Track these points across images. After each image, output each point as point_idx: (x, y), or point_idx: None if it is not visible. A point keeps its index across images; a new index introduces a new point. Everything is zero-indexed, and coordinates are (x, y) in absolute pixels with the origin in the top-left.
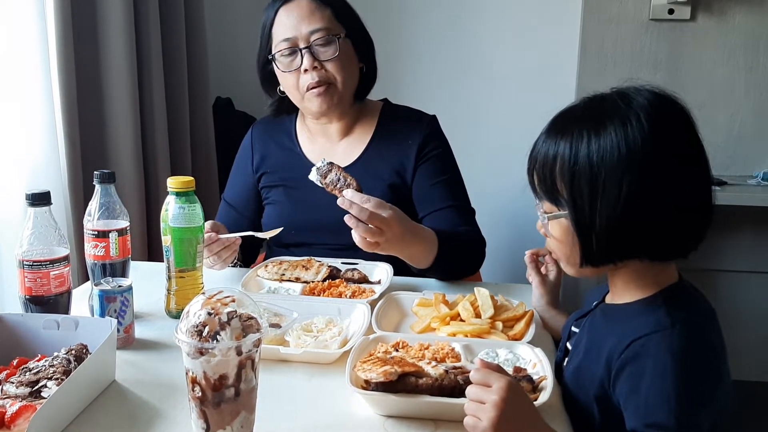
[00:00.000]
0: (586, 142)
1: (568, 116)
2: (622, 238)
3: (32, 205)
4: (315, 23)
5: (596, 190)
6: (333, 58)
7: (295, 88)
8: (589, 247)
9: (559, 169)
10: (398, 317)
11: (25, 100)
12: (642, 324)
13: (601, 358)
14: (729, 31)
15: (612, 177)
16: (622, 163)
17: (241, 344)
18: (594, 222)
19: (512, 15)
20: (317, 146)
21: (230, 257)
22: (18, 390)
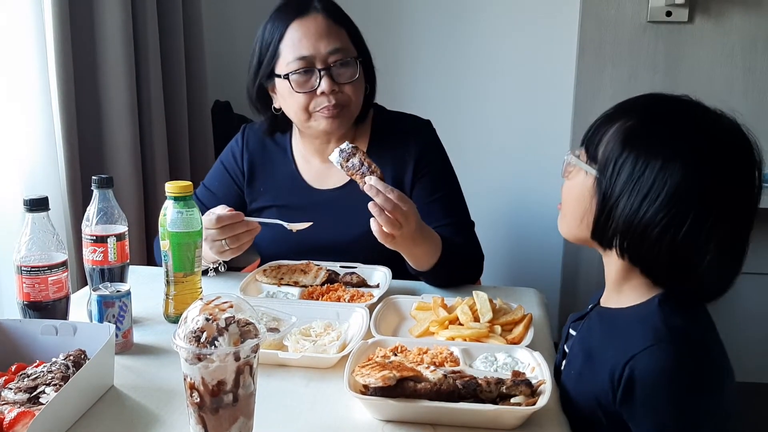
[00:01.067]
0: (650, 145)
1: (647, 104)
2: (636, 242)
3: (30, 210)
4: (334, 43)
5: (634, 185)
6: (351, 81)
7: (303, 108)
8: (601, 221)
9: (608, 142)
10: (397, 321)
11: (23, 105)
12: (640, 336)
13: (603, 369)
14: (726, 32)
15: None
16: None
17: (239, 350)
18: (615, 208)
19: (510, 16)
20: (313, 166)
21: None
22: (16, 396)
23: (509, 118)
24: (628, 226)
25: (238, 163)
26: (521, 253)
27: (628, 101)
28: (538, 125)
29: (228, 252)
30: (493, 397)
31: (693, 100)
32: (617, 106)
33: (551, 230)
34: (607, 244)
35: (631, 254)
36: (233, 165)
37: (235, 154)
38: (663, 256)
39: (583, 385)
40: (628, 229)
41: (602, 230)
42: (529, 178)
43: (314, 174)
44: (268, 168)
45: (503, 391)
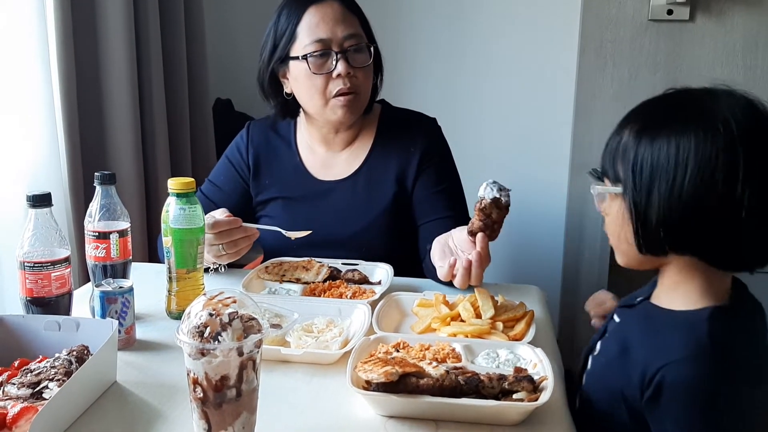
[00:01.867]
0: (660, 130)
1: (647, 105)
2: (679, 226)
3: (33, 206)
4: (350, 28)
5: (656, 177)
6: (364, 66)
7: (320, 92)
8: (643, 229)
9: (624, 152)
10: (399, 318)
11: (26, 102)
12: (681, 343)
13: (636, 365)
14: (728, 31)
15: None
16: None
17: (243, 345)
18: (649, 205)
19: (511, 15)
20: (318, 157)
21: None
22: (19, 391)
23: (509, 117)
24: (667, 216)
25: (243, 157)
26: (522, 250)
27: (628, 113)
28: (539, 124)
29: (225, 257)
30: (495, 393)
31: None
32: (619, 123)
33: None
34: (657, 249)
35: (681, 243)
36: (239, 159)
37: (240, 149)
38: (708, 230)
39: (611, 375)
40: (669, 218)
41: (647, 237)
42: (529, 176)
43: (318, 164)
44: (272, 161)
45: (505, 387)
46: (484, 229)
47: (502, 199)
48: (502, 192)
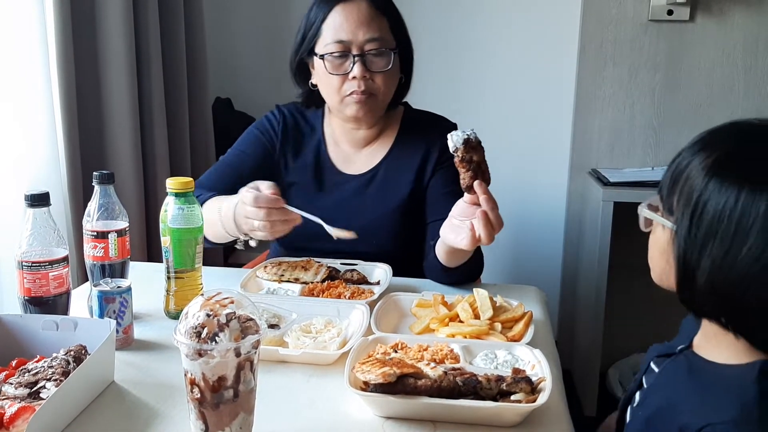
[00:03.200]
0: (737, 187)
1: (740, 134)
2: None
3: (31, 205)
4: (372, 32)
5: (714, 234)
6: (383, 71)
7: (336, 91)
8: (684, 283)
9: (687, 176)
10: (397, 318)
11: (25, 101)
12: (726, 405)
13: (673, 425)
14: (728, 31)
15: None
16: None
17: (240, 346)
18: (700, 259)
19: (511, 15)
20: (342, 149)
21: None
22: (17, 391)
23: (510, 117)
24: (716, 280)
25: (275, 129)
26: (521, 251)
27: (709, 134)
28: (539, 123)
29: (258, 234)
30: (493, 394)
31: None
32: (696, 141)
33: (551, 228)
34: (694, 308)
35: (724, 316)
36: (269, 132)
37: (272, 123)
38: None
39: (652, 430)
40: (718, 284)
41: (687, 293)
42: (529, 176)
43: (342, 157)
44: (299, 145)
45: (503, 389)
46: (475, 176)
47: (471, 138)
48: (467, 133)
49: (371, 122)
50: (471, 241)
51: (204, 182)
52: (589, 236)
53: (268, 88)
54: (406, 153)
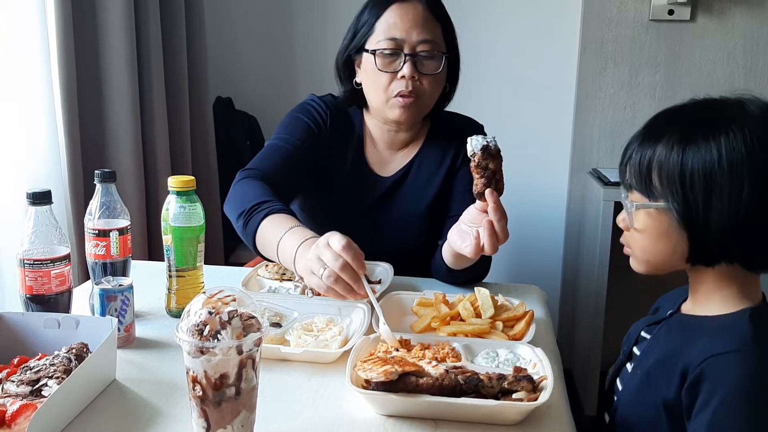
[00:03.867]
0: (705, 140)
1: (676, 114)
2: (739, 236)
3: (33, 204)
4: (426, 33)
5: (712, 190)
6: (432, 74)
7: (383, 89)
8: (698, 242)
9: (661, 165)
10: (398, 317)
11: (26, 99)
12: (725, 340)
13: (676, 367)
14: (728, 31)
15: (733, 179)
16: (744, 167)
17: (242, 343)
18: (708, 219)
19: (512, 15)
20: (377, 152)
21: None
22: (18, 389)
23: (510, 116)
24: (729, 228)
25: (324, 121)
26: (523, 250)
27: (652, 125)
28: (540, 123)
29: (312, 281)
30: (494, 393)
31: (708, 99)
32: (642, 135)
33: (552, 228)
34: (712, 259)
35: (738, 252)
36: (320, 123)
37: (320, 114)
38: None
39: (650, 385)
40: (732, 231)
41: (704, 251)
42: (530, 176)
43: (378, 159)
44: (342, 140)
45: (505, 387)
46: (487, 184)
47: (491, 145)
48: (487, 139)
49: (410, 127)
50: (475, 249)
51: (258, 167)
52: (589, 236)
53: (268, 88)
54: (436, 154)
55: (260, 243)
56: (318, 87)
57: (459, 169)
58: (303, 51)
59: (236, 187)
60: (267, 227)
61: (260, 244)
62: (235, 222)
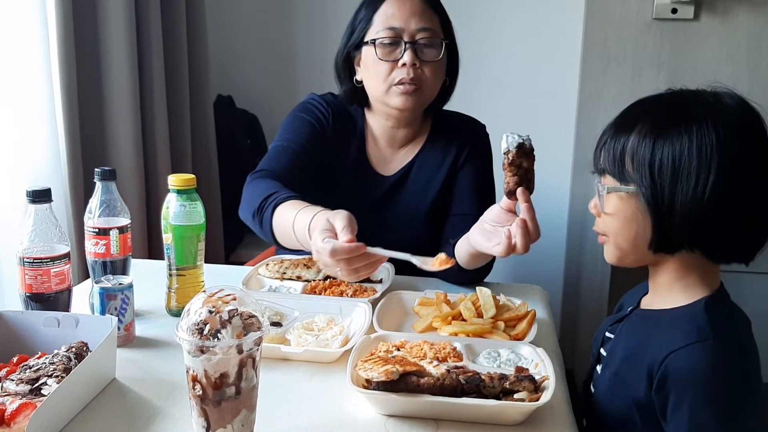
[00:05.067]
0: (677, 129)
1: (652, 103)
2: (702, 224)
3: (33, 202)
4: (425, 22)
5: (679, 176)
6: (433, 61)
7: (383, 78)
8: (662, 227)
9: (634, 151)
10: (400, 316)
11: (26, 97)
12: (683, 333)
13: (641, 365)
14: (732, 31)
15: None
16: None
17: (242, 342)
18: (673, 204)
19: (514, 14)
20: (379, 149)
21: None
22: (18, 387)
23: (513, 116)
24: (692, 215)
25: (327, 120)
26: None
27: (628, 113)
28: (542, 123)
29: (342, 278)
30: (496, 393)
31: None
32: (617, 122)
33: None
34: (674, 246)
35: (699, 240)
36: (322, 122)
37: (322, 113)
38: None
39: (619, 385)
40: (694, 217)
41: (666, 236)
42: None
43: (379, 158)
44: (344, 138)
45: (506, 387)
46: (520, 182)
47: (526, 144)
48: (523, 137)
49: (411, 118)
50: (507, 248)
51: (265, 168)
52: (591, 235)
53: (269, 86)
54: (437, 152)
55: (279, 235)
56: (319, 85)
57: (461, 168)
58: (304, 49)
59: (245, 191)
60: (279, 217)
61: (279, 236)
62: (252, 223)
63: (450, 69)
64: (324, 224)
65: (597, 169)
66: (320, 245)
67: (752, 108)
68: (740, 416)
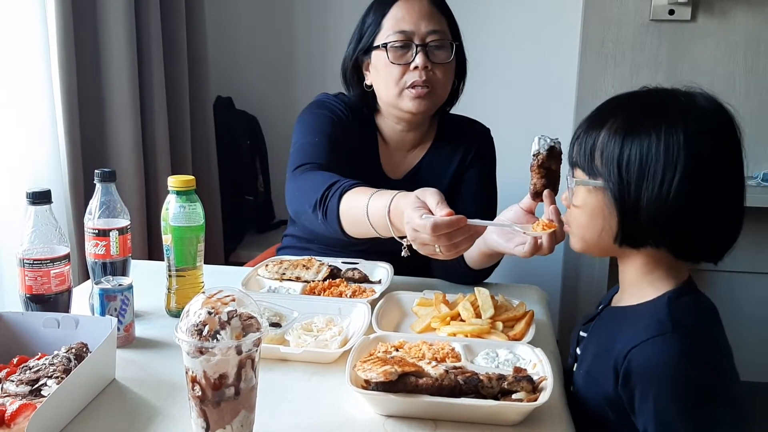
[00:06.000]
0: (646, 127)
1: (626, 100)
2: (666, 222)
3: (33, 203)
4: (434, 24)
5: (645, 173)
6: (444, 63)
7: (395, 81)
8: (628, 223)
9: (603, 146)
10: (398, 317)
11: (26, 99)
12: (644, 328)
13: (609, 361)
14: (729, 31)
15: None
16: (680, 154)
17: (241, 343)
18: (639, 201)
19: (513, 15)
20: (389, 154)
21: (465, 250)
22: (18, 388)
23: (510, 116)
24: (657, 213)
25: (346, 115)
26: None
27: (601, 109)
28: (540, 123)
29: (440, 256)
30: (494, 393)
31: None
32: (591, 117)
33: None
34: (638, 241)
35: (664, 237)
36: (341, 117)
37: (339, 108)
38: (691, 226)
39: (592, 383)
40: (659, 215)
41: (631, 232)
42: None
43: (389, 161)
44: (357, 139)
45: (504, 387)
46: (547, 184)
47: (557, 147)
48: (554, 140)
49: (422, 121)
50: (531, 249)
51: (307, 161)
52: None
53: (269, 87)
54: (444, 155)
55: (347, 223)
56: (319, 86)
57: (466, 171)
58: (304, 50)
59: (295, 184)
60: (348, 204)
61: (348, 224)
62: (311, 215)
63: (458, 70)
64: (415, 201)
65: (570, 162)
66: (418, 222)
67: (726, 110)
68: (708, 410)
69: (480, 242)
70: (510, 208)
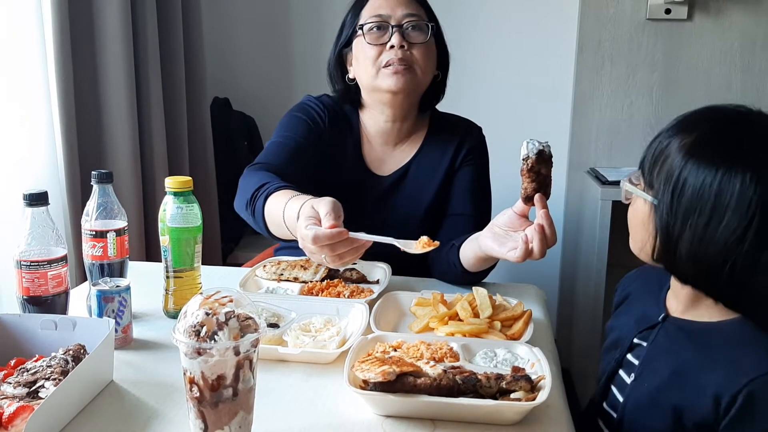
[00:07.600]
0: (714, 165)
1: (712, 113)
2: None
3: (30, 205)
4: (410, 8)
5: (697, 209)
6: (421, 43)
7: (372, 61)
8: (664, 251)
9: (666, 156)
10: (396, 317)
11: (23, 100)
12: (754, 358)
13: (702, 390)
14: (725, 30)
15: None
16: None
17: (239, 344)
18: (683, 235)
19: (509, 14)
20: (374, 149)
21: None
22: (15, 390)
23: (508, 116)
24: (698, 252)
25: (322, 119)
26: None
27: (686, 118)
28: (537, 123)
29: (328, 264)
30: (492, 393)
31: (752, 109)
32: (674, 124)
33: None
34: (672, 271)
35: (704, 285)
36: (318, 121)
37: (317, 112)
38: (733, 280)
39: (664, 399)
40: (695, 257)
41: (666, 259)
42: None
43: (375, 158)
44: (338, 140)
45: (503, 387)
46: (538, 188)
47: (546, 151)
48: (543, 144)
49: (406, 107)
50: (524, 253)
51: (261, 161)
52: (587, 235)
53: (266, 88)
54: (435, 153)
55: (271, 225)
56: (316, 87)
57: (458, 170)
58: (300, 51)
59: (240, 182)
60: (271, 207)
61: (271, 226)
62: (245, 214)
63: (440, 62)
64: (308, 211)
65: (640, 163)
66: (303, 232)
67: None
68: None
69: (474, 246)
70: (503, 212)
